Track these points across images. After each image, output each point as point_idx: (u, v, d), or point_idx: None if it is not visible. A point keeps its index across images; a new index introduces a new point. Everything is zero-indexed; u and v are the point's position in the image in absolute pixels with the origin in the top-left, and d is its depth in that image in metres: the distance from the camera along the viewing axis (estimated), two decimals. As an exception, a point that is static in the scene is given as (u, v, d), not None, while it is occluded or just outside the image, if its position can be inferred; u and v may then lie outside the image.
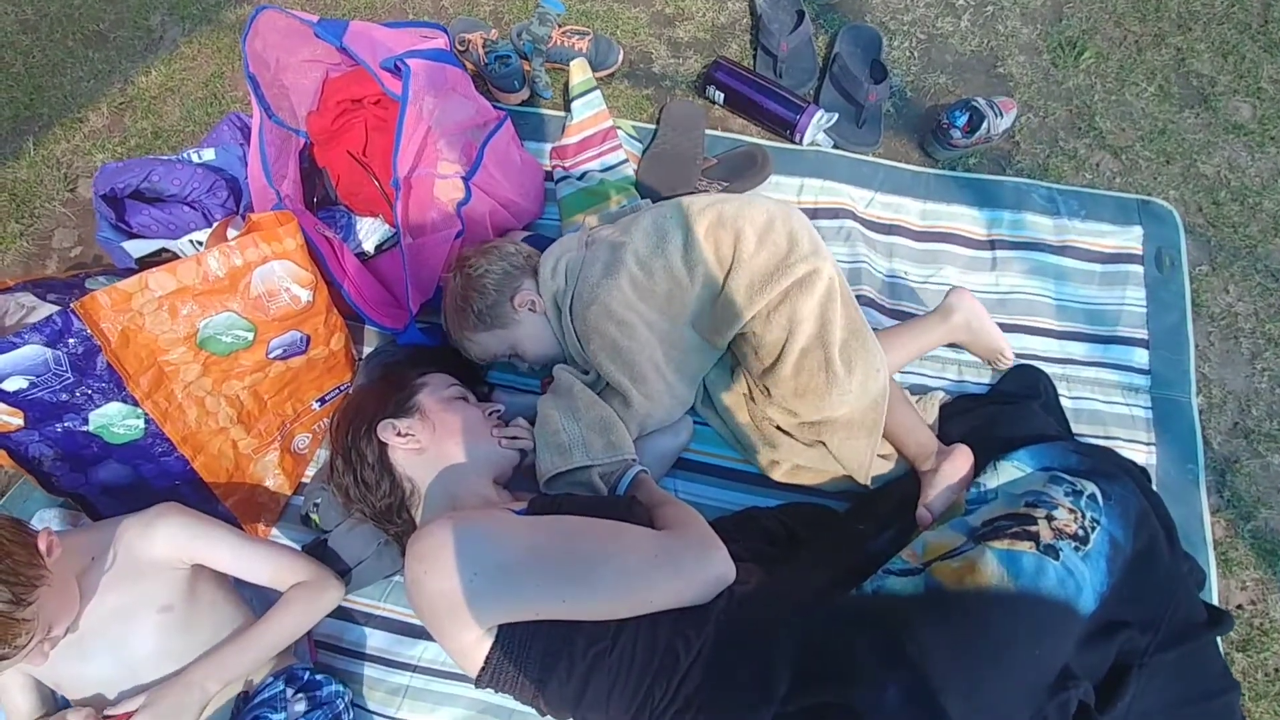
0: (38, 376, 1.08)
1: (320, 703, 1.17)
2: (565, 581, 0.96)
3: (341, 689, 1.22)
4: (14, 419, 1.12)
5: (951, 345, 1.45)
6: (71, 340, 1.07)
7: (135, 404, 1.17)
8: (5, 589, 0.91)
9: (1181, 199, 1.63)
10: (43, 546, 0.99)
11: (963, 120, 1.61)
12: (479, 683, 0.98)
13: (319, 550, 1.33)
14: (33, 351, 1.06)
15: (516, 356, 1.40)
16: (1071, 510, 0.99)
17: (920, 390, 1.43)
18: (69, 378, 1.10)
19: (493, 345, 1.37)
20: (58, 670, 1.07)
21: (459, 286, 1.35)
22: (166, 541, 1.11)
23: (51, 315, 1.05)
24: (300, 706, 1.13)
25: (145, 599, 1.09)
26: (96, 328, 1.09)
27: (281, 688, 1.13)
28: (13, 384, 1.07)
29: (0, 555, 0.93)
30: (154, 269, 1.11)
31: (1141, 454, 1.39)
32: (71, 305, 1.06)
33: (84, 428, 1.16)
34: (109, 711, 1.05)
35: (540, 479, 1.25)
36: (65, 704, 1.12)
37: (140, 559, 1.10)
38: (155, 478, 1.27)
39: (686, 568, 1.00)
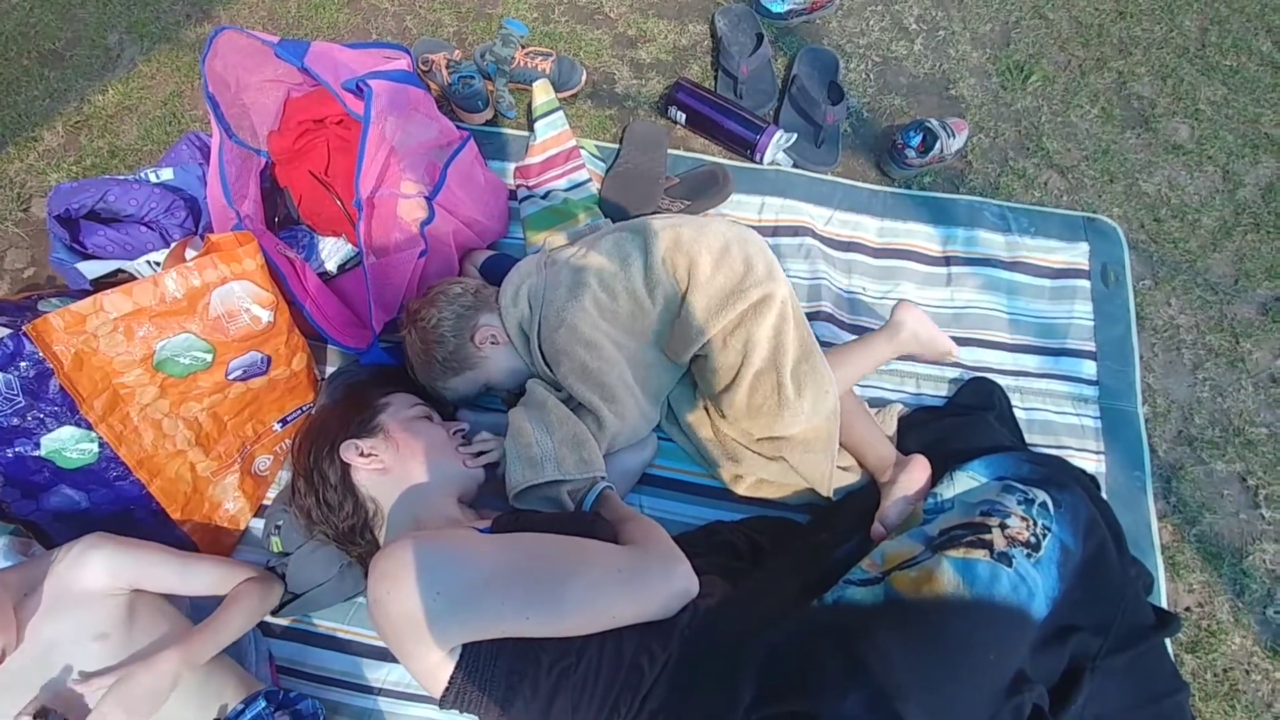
0: (-13, 401, 1.06)
1: (303, 716, 1.17)
2: (530, 599, 0.96)
3: (318, 704, 1.21)
4: (-38, 445, 1.09)
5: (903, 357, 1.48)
6: (23, 364, 1.05)
7: (89, 428, 1.15)
8: None
9: (1125, 216, 1.69)
10: None
11: (917, 140, 1.66)
12: (443, 703, 0.97)
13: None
14: (-18, 376, 1.04)
15: (492, 391, 1.41)
16: (1024, 518, 1.02)
17: (880, 403, 1.46)
18: (20, 402, 1.08)
19: (465, 387, 1.37)
20: None
21: (417, 341, 1.33)
22: (102, 570, 1.09)
23: (2, 338, 1.03)
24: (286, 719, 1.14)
25: (80, 630, 1.06)
26: (49, 350, 1.07)
27: (264, 704, 1.12)
28: (-39, 409, 1.05)
29: None
30: (109, 290, 1.10)
31: (1091, 462, 1.43)
32: (23, 328, 1.04)
33: (36, 453, 1.14)
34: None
35: (509, 491, 1.25)
36: None
37: (73, 590, 1.08)
38: (110, 503, 1.24)
39: (651, 583, 1.01)
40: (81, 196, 1.39)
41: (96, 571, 1.09)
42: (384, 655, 1.32)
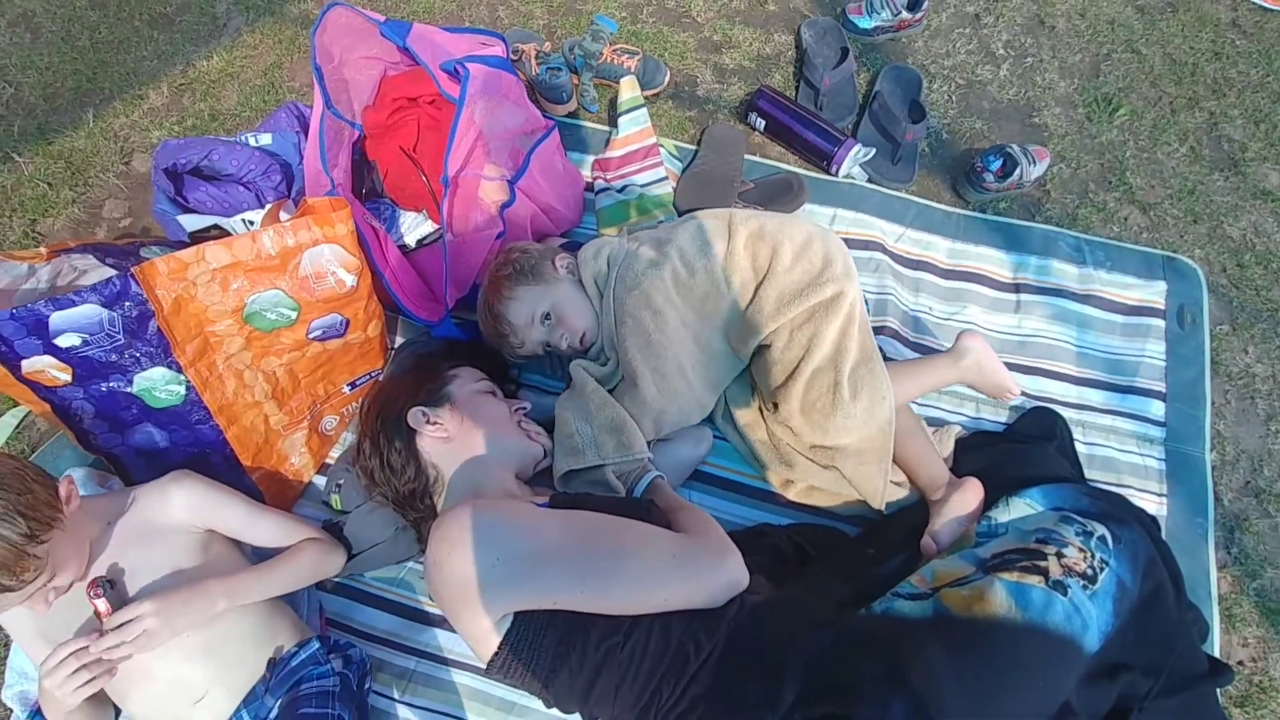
0: (91, 335, 1.12)
1: (352, 661, 1.22)
2: (584, 574, 0.99)
3: (365, 653, 1.26)
4: (63, 374, 1.15)
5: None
6: (128, 303, 1.11)
7: (179, 370, 1.20)
8: (24, 522, 0.95)
9: (1206, 258, 1.65)
10: (63, 493, 1.04)
11: (997, 165, 1.65)
12: (489, 669, 1.00)
13: (334, 533, 1.36)
14: (90, 311, 1.10)
15: (557, 323, 1.36)
16: (1081, 550, 1.01)
17: (938, 423, 1.45)
18: (120, 339, 1.14)
19: (532, 301, 1.34)
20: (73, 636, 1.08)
21: (503, 256, 1.39)
22: (182, 506, 1.16)
23: (111, 278, 1.09)
24: (338, 664, 1.19)
25: (157, 562, 1.12)
26: (152, 293, 1.13)
27: (317, 646, 1.18)
28: (66, 340, 1.11)
29: (22, 490, 0.97)
30: (211, 242, 1.16)
31: (1152, 504, 1.40)
32: (132, 270, 1.10)
33: (127, 389, 1.20)
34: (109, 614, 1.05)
35: (555, 477, 1.29)
36: None
37: (155, 523, 1.14)
38: (188, 444, 1.30)
39: (702, 570, 1.02)
40: (188, 153, 1.46)
41: (177, 504, 1.15)
42: (428, 619, 1.36)
